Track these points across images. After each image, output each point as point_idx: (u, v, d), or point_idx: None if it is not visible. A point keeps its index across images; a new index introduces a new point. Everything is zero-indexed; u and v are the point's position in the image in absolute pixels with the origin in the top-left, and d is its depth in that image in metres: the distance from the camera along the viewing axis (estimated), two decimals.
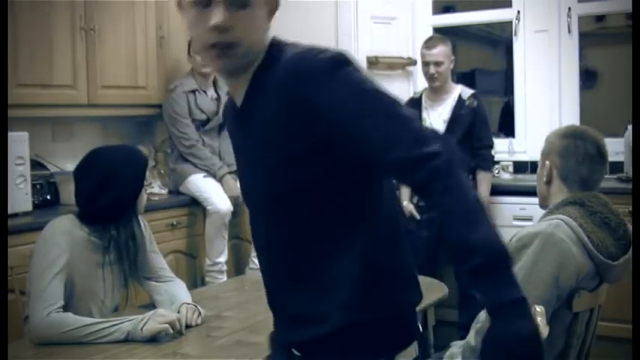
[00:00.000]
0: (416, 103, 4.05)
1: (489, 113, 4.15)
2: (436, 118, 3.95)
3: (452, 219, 1.13)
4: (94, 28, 3.63)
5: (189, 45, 3.99)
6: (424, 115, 3.99)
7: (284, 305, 1.36)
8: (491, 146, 3.99)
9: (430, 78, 3.94)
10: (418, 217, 3.93)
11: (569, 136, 2.06)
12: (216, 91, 4.11)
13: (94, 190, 2.24)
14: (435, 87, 3.98)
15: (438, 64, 3.89)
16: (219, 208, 3.83)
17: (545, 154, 2.09)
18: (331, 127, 1.18)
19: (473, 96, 3.93)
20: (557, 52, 4.45)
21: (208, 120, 4.04)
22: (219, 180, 3.93)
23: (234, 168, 4.01)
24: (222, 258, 3.89)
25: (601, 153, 2.04)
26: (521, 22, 4.55)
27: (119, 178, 2.25)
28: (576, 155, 2.02)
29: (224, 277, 3.85)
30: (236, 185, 3.98)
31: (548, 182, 2.07)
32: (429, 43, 3.98)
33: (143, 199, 2.37)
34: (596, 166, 2.04)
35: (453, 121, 3.90)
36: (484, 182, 3.91)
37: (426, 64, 3.95)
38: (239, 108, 1.33)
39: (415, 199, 4.01)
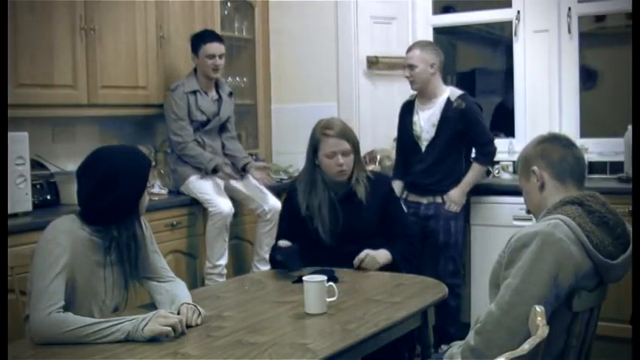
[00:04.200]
0: (410, 106, 4.08)
1: (488, 113, 4.14)
2: (426, 121, 3.98)
3: None
4: (94, 28, 3.63)
5: (193, 44, 3.99)
6: (415, 118, 4.02)
7: None
8: (490, 142, 3.97)
9: (409, 81, 4.00)
10: (405, 210, 3.95)
11: (541, 141, 2.14)
12: (217, 92, 4.11)
13: (96, 191, 2.24)
14: (415, 90, 4.03)
15: (411, 67, 3.94)
16: (222, 209, 3.82)
17: (527, 165, 2.13)
18: None
19: (460, 97, 3.93)
20: (557, 52, 4.45)
21: (209, 121, 4.04)
22: (213, 171, 3.90)
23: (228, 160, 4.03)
24: (223, 261, 3.88)
25: (574, 143, 2.14)
26: (521, 22, 4.55)
27: (122, 179, 2.24)
28: (556, 150, 2.09)
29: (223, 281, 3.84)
30: (227, 170, 3.93)
31: (542, 187, 2.08)
32: (409, 47, 4.04)
33: (145, 200, 2.37)
34: (577, 152, 2.11)
35: (441, 124, 3.92)
36: (472, 171, 3.95)
37: (403, 66, 4.02)
38: None
39: (404, 194, 4.04)
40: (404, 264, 2.97)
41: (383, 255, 2.93)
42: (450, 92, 3.97)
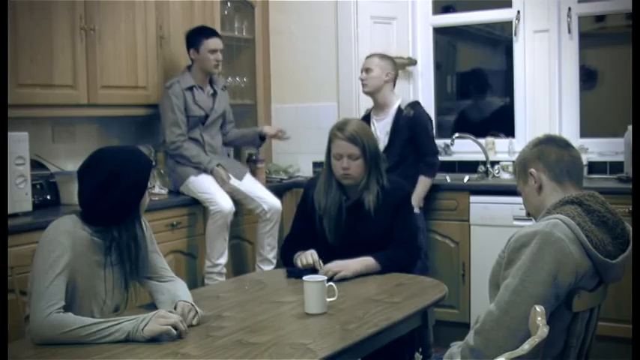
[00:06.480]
0: (367, 119, 4.14)
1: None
2: (381, 130, 4.06)
3: None
4: (94, 28, 3.63)
5: (192, 40, 3.98)
6: (372, 128, 4.05)
7: None
8: (434, 152, 4.08)
9: (362, 84, 4.11)
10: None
11: (537, 143, 2.15)
12: (212, 87, 4.11)
13: (97, 191, 2.24)
14: (366, 93, 4.12)
15: (367, 70, 4.07)
16: (223, 207, 3.81)
17: (524, 168, 2.14)
18: None
19: (410, 105, 4.05)
20: (557, 52, 4.45)
21: (207, 116, 4.04)
22: (211, 172, 3.90)
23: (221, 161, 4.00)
24: (223, 260, 3.88)
25: (570, 144, 2.14)
26: (521, 22, 4.55)
27: (123, 180, 2.24)
28: (553, 152, 2.09)
29: (223, 280, 3.83)
30: (227, 174, 3.92)
31: (540, 189, 2.09)
32: (369, 54, 4.17)
33: (146, 201, 2.37)
34: (573, 153, 2.11)
35: (393, 133, 4.02)
36: (420, 185, 4.03)
37: (361, 71, 4.13)
38: None
39: None
40: (387, 267, 2.81)
41: (358, 263, 2.77)
42: (400, 101, 4.09)
